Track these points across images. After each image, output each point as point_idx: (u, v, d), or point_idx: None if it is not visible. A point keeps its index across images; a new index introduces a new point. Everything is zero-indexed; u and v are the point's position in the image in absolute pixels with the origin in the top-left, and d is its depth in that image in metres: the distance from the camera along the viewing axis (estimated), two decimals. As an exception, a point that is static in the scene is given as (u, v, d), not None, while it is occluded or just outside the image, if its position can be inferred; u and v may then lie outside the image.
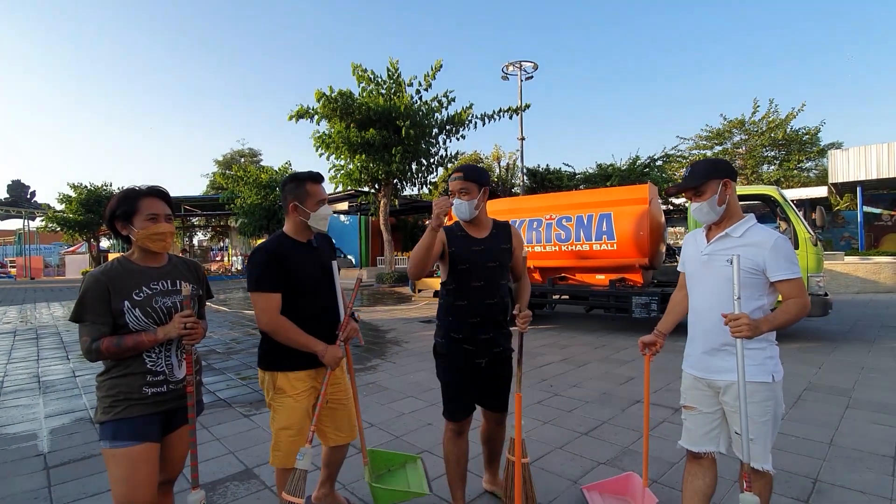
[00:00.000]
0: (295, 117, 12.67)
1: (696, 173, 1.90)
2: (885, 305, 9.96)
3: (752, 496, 1.60)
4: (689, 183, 1.90)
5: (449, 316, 2.28)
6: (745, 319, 1.61)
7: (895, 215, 20.79)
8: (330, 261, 2.22)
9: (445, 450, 2.34)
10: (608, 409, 4.05)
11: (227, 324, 9.93)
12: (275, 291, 1.98)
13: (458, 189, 2.24)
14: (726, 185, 1.85)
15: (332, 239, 2.39)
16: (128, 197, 1.76)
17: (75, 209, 29.26)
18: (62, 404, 4.54)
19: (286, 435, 2.02)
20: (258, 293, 1.97)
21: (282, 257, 2.01)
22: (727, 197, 1.85)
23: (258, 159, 42.06)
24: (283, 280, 1.99)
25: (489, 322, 2.26)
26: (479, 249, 2.26)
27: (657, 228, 7.55)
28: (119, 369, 1.71)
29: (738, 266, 1.61)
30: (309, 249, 2.13)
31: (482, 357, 2.27)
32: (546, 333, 7.73)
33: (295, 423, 2.03)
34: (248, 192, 23.83)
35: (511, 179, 27.08)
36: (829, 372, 5.02)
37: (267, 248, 2.03)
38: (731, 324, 1.63)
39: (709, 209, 1.87)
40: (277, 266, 1.98)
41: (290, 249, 2.06)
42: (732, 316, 1.64)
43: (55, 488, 2.85)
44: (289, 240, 2.10)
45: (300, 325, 2.00)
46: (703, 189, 1.87)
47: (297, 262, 2.04)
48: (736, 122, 24.47)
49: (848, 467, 2.88)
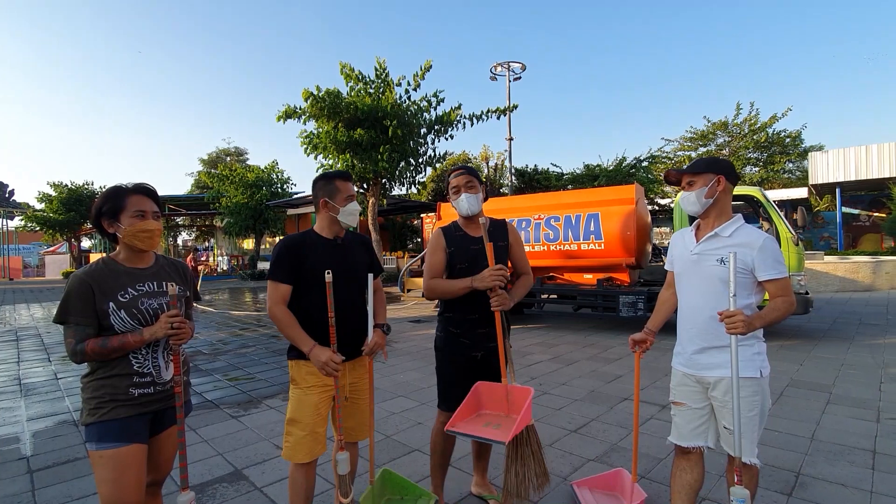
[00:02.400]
0: (283, 117, 12.56)
1: (697, 164, 1.95)
2: (863, 304, 10.22)
3: (742, 489, 1.64)
4: (687, 169, 1.95)
5: (448, 312, 2.35)
6: (741, 316, 1.65)
7: (873, 216, 21.33)
8: (359, 261, 2.20)
9: (434, 440, 2.42)
10: (596, 406, 4.09)
11: (214, 324, 9.81)
12: (283, 282, 2.01)
13: (464, 183, 2.31)
14: (719, 181, 1.88)
15: (369, 242, 2.36)
16: (115, 194, 1.74)
17: (56, 208, 28.67)
18: (44, 407, 4.44)
19: (294, 429, 2.01)
20: (269, 281, 2.04)
21: (299, 251, 2.04)
22: (716, 192, 1.89)
23: (244, 158, 41.59)
24: (296, 273, 2.01)
25: (488, 318, 2.30)
26: (477, 248, 2.29)
27: (644, 228, 7.65)
28: (104, 370, 1.69)
29: (734, 264, 1.65)
30: (334, 246, 2.13)
31: (478, 350, 2.33)
32: (534, 332, 7.78)
33: (302, 417, 2.00)
34: (234, 191, 23.57)
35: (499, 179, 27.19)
36: (809, 369, 5.14)
37: (286, 241, 2.09)
38: (727, 320, 1.66)
39: (695, 199, 1.91)
40: (291, 258, 2.02)
41: (314, 244, 2.09)
42: (728, 312, 1.67)
43: (39, 492, 2.79)
44: (314, 235, 2.13)
45: (310, 319, 2.00)
46: (696, 179, 1.92)
47: (318, 257, 2.05)
48: (719, 125, 24.90)
49: (829, 461, 2.95)
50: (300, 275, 2.02)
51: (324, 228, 2.15)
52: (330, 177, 2.16)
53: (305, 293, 2.03)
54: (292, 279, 2.02)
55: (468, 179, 2.32)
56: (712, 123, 25.05)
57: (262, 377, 5.39)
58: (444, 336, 2.36)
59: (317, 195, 2.16)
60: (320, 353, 1.93)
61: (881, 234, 20.25)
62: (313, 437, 2.00)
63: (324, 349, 1.95)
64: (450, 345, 2.34)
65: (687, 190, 1.95)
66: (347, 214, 2.12)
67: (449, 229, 2.37)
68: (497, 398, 2.25)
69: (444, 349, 2.37)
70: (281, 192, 25.65)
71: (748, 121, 24.04)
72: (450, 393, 2.34)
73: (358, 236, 2.31)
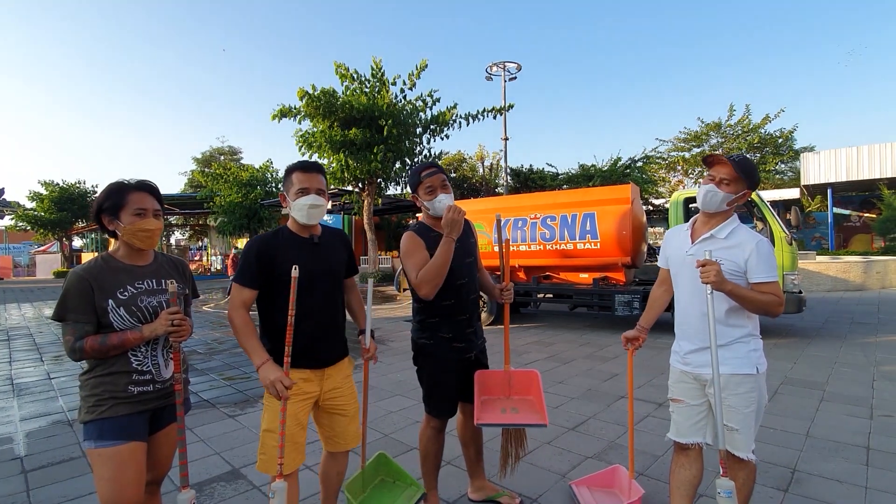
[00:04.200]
0: (278, 116, 12.51)
1: (745, 167, 1.84)
2: (855, 303, 10.33)
3: (727, 480, 1.66)
4: (735, 168, 1.83)
5: (435, 317, 2.25)
6: (717, 268, 1.70)
7: (864, 216, 21.56)
8: (337, 261, 2.05)
9: (426, 446, 2.34)
10: (593, 404, 4.11)
11: (209, 324, 9.76)
12: (247, 286, 1.87)
13: (440, 183, 2.21)
14: (745, 195, 1.88)
15: (349, 241, 2.21)
16: (116, 190, 1.72)
17: (47, 207, 28.37)
18: (38, 407, 4.40)
19: (269, 438, 1.85)
20: (234, 283, 1.91)
21: (268, 251, 1.90)
22: (736, 204, 1.88)
23: (238, 157, 41.35)
24: (265, 276, 1.88)
25: (474, 316, 2.30)
26: (456, 248, 2.21)
27: (639, 228, 7.68)
28: (103, 368, 1.67)
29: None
30: (308, 246, 1.97)
31: (472, 351, 2.32)
32: (531, 331, 7.80)
33: (277, 427, 1.80)
34: (228, 190, 23.44)
35: (495, 179, 27.21)
36: (803, 367, 5.18)
37: (255, 241, 1.94)
38: (702, 268, 1.72)
39: (720, 200, 1.85)
40: (259, 261, 1.87)
41: (285, 243, 1.94)
42: (703, 261, 1.73)
43: (34, 492, 2.76)
44: (287, 233, 1.97)
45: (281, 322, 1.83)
46: (733, 181, 1.84)
47: (288, 257, 1.91)
48: (713, 126, 25.07)
49: (824, 457, 2.98)
50: (272, 277, 1.88)
51: (294, 225, 1.98)
52: (289, 169, 1.97)
53: (279, 297, 1.88)
54: (259, 283, 1.88)
55: (443, 179, 2.21)
56: (706, 124, 25.23)
57: (258, 376, 5.35)
58: (435, 343, 2.25)
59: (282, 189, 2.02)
60: (269, 371, 1.77)
61: (872, 234, 20.47)
62: (292, 447, 1.85)
63: (275, 368, 1.79)
64: (443, 351, 2.25)
65: (716, 186, 1.86)
66: (297, 210, 1.91)
67: (421, 231, 2.25)
68: (497, 383, 2.34)
69: (436, 355, 2.26)
70: (275, 192, 25.53)
71: (741, 122, 24.24)
72: (443, 399, 2.29)
73: (338, 233, 2.15)
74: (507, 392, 2.36)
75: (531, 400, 2.34)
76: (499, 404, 2.32)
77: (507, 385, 2.36)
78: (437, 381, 2.29)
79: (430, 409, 2.33)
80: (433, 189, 2.20)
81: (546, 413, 2.17)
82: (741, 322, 1.86)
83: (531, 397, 2.35)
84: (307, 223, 1.95)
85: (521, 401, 2.34)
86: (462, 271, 2.26)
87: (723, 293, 1.75)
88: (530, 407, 2.30)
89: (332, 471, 2.12)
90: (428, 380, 2.33)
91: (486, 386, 2.35)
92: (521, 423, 2.23)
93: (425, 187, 2.21)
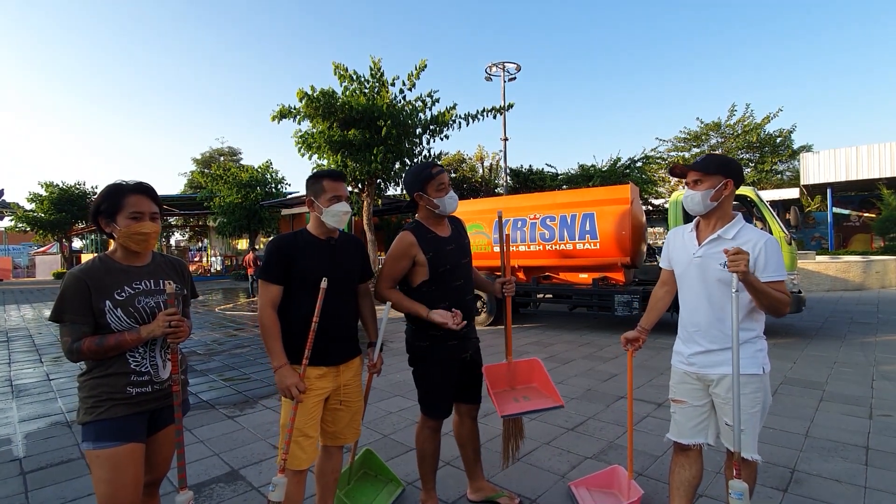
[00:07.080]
0: (277, 117, 12.48)
1: (709, 162, 1.88)
2: (854, 303, 10.33)
3: (741, 482, 1.65)
4: (698, 167, 1.88)
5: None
6: (747, 257, 1.64)
7: (863, 216, 21.57)
8: (352, 264, 2.14)
9: (423, 446, 2.36)
10: (593, 405, 4.10)
11: (208, 325, 9.75)
12: (273, 283, 1.97)
13: (447, 181, 2.25)
14: (727, 185, 1.86)
15: (363, 246, 2.27)
16: (113, 192, 1.71)
17: (46, 209, 28.33)
18: (37, 408, 4.39)
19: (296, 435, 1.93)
20: (261, 280, 2.02)
21: (289, 251, 2.00)
22: (722, 196, 1.87)
23: (238, 158, 41.31)
24: (286, 274, 1.98)
25: (468, 316, 2.30)
26: (451, 248, 2.26)
27: (639, 228, 7.68)
28: (102, 369, 1.66)
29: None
30: (326, 248, 2.07)
31: (467, 350, 2.34)
32: (531, 332, 7.80)
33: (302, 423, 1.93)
34: (228, 191, 23.42)
35: (494, 180, 27.20)
36: (803, 366, 5.18)
37: (276, 241, 2.06)
38: (733, 256, 1.65)
39: (700, 200, 1.87)
40: (280, 259, 1.98)
41: (304, 244, 2.04)
42: (735, 249, 1.66)
43: (32, 493, 2.76)
44: (307, 235, 2.08)
45: (298, 321, 1.96)
46: (704, 179, 1.87)
47: (308, 258, 2.01)
48: (712, 125, 25.08)
49: (823, 457, 2.98)
50: (290, 276, 1.98)
51: (315, 228, 2.10)
52: (318, 176, 2.09)
53: (295, 294, 1.99)
54: (282, 280, 1.98)
55: (447, 178, 2.25)
56: (705, 125, 25.24)
57: (258, 377, 5.36)
58: (430, 344, 2.25)
59: (307, 194, 2.11)
60: (286, 375, 1.87)
61: (871, 234, 20.48)
62: (308, 442, 1.96)
63: (291, 372, 1.89)
64: (439, 352, 2.25)
65: (692, 188, 1.90)
66: (331, 215, 2.03)
67: (419, 232, 2.23)
68: (502, 375, 2.49)
69: (432, 357, 2.27)
70: (275, 192, 25.51)
71: (741, 121, 24.24)
72: (439, 399, 2.31)
73: (353, 238, 2.24)
74: (513, 383, 2.51)
75: (535, 387, 2.49)
76: (510, 395, 2.44)
77: (512, 376, 2.50)
78: (433, 382, 2.31)
79: (425, 409, 2.34)
80: (444, 186, 2.23)
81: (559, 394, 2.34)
82: (752, 325, 1.86)
83: (535, 384, 2.50)
84: (338, 227, 2.08)
85: (527, 388, 2.49)
86: (458, 272, 2.27)
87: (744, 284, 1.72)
88: (537, 394, 2.45)
89: (328, 468, 2.17)
90: (423, 380, 2.33)
91: (494, 379, 2.45)
92: (540, 408, 2.34)
93: (437, 183, 2.22)
